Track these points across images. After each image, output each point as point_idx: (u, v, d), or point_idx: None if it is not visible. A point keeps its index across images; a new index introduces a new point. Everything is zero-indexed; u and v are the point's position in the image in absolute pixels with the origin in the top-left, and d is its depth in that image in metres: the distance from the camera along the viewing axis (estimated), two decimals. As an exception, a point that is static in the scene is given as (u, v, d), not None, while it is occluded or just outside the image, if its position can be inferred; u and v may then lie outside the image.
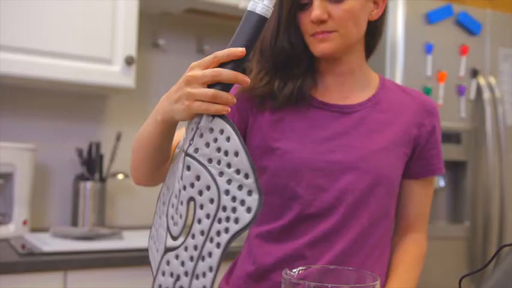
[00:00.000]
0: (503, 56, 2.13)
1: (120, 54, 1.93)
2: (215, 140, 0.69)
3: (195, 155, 0.70)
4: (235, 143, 0.66)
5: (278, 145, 1.01)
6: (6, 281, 1.51)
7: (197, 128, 0.73)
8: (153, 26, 2.30)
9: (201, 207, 0.68)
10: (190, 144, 0.72)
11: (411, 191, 1.10)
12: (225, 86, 0.73)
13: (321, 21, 0.97)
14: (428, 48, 1.97)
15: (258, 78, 1.02)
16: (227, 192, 0.65)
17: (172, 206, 0.74)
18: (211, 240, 0.66)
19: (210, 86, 0.74)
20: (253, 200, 0.63)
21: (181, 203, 0.71)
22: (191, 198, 0.70)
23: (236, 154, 0.66)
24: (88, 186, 2.04)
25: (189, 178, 0.70)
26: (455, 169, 2.07)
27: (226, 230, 0.65)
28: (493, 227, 2.03)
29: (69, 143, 2.14)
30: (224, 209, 0.65)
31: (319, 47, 0.99)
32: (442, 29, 2.00)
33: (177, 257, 0.70)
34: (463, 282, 0.88)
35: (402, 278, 1.04)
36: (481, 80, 2.05)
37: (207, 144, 0.69)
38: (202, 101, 0.72)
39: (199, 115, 0.74)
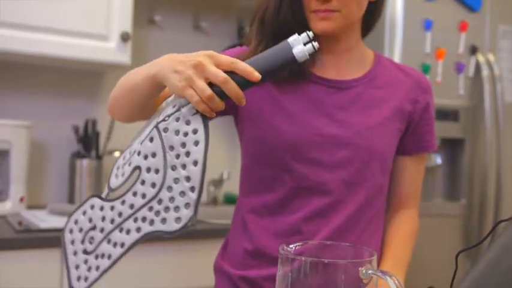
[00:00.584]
0: (502, 32, 2.12)
1: (116, 30, 1.91)
2: (185, 134, 0.68)
3: (162, 134, 0.70)
4: (200, 152, 0.66)
5: (274, 117, 1.01)
6: (3, 257, 1.52)
7: (178, 110, 0.72)
8: (149, 2, 2.27)
9: (142, 183, 0.68)
10: (164, 120, 0.71)
11: (404, 167, 1.11)
12: (223, 93, 0.72)
13: (326, 0, 0.96)
14: (428, 25, 1.95)
15: (258, 50, 1.01)
16: (170, 189, 0.65)
17: (124, 158, 0.74)
18: (136, 220, 0.66)
19: (210, 83, 0.73)
20: (186, 214, 0.63)
21: (130, 164, 0.70)
22: (138, 167, 0.69)
23: (195, 163, 0.65)
24: (84, 163, 2.03)
25: (146, 149, 0.70)
26: (453, 147, 2.07)
27: (151, 222, 0.65)
28: (489, 205, 2.04)
29: (65, 120, 2.13)
30: (160, 202, 0.65)
31: (320, 25, 0.98)
32: (441, 5, 1.98)
33: (101, 208, 0.70)
34: (459, 258, 0.88)
35: (397, 254, 1.05)
36: (480, 57, 2.04)
37: (177, 132, 0.68)
38: (197, 93, 0.71)
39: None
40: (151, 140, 0.70)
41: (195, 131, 0.68)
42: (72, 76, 2.16)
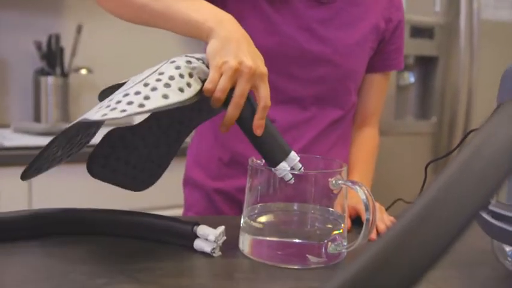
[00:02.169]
0: None
1: None
2: (181, 76, 0.68)
3: (169, 61, 0.69)
4: (176, 96, 0.65)
5: (254, 29, 0.96)
6: (-32, 175, 1.49)
7: (198, 60, 0.70)
8: None
9: (124, 90, 0.69)
10: (186, 57, 0.70)
11: (370, 84, 1.11)
12: (226, 105, 0.70)
13: None
14: None
15: None
16: (126, 96, 0.65)
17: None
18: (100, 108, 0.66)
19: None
20: (112, 114, 0.63)
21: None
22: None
23: (165, 96, 0.65)
24: (49, 81, 1.96)
25: (163, 66, 0.70)
26: (426, 65, 2.05)
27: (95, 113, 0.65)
28: (459, 124, 2.06)
29: (26, 36, 2.02)
30: (110, 99, 0.66)
31: None
32: None
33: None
34: (428, 172, 0.89)
35: (363, 171, 1.07)
36: (458, -28, 1.98)
37: (178, 68, 0.68)
38: (217, 83, 0.68)
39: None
40: (168, 62, 0.70)
41: (189, 84, 0.67)
42: (31, -12, 2.03)
